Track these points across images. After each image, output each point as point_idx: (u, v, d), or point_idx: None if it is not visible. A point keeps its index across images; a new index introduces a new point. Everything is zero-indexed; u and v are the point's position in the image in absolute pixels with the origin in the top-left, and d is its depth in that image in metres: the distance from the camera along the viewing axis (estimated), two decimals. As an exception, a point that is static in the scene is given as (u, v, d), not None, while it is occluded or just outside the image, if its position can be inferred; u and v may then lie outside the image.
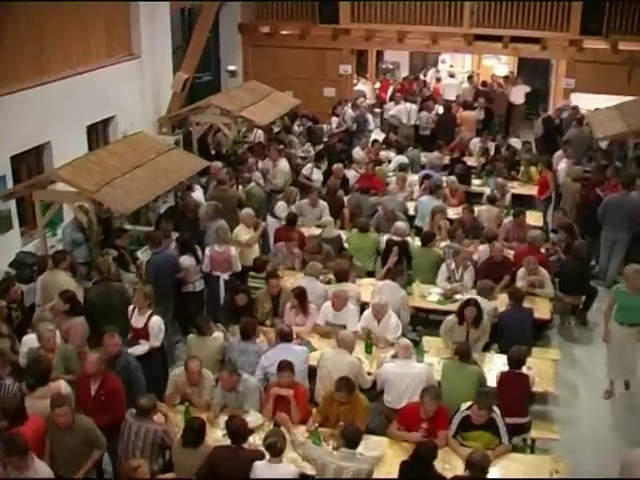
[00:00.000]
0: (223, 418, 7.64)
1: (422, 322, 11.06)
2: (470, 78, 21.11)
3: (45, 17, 12.08)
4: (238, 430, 7.02)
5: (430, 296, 10.69)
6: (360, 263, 11.31)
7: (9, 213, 11.63)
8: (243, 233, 11.22)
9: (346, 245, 11.82)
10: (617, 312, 9.64)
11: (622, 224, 12.40)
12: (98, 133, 14.15)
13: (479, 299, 9.74)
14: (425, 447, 6.94)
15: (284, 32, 18.82)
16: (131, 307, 9.04)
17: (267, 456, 6.91)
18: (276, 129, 15.73)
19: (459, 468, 7.18)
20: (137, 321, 8.97)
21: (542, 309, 10.30)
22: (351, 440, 7.08)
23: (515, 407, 8.04)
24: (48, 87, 12.32)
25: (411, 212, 13.39)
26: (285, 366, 7.92)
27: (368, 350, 9.14)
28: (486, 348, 9.55)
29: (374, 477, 6.99)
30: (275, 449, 6.83)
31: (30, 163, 12.42)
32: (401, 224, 11.89)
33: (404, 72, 23.30)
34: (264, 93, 15.05)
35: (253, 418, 7.80)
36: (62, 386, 7.55)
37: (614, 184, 12.97)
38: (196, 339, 8.85)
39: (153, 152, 10.92)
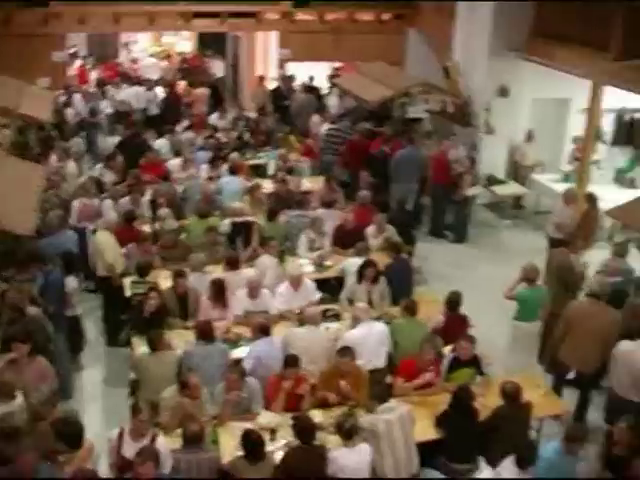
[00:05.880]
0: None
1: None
2: (169, 56, 20.93)
3: None
4: (306, 428, 6.77)
5: (304, 267, 10.79)
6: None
7: None
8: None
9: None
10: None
11: (412, 177, 13.71)
12: None
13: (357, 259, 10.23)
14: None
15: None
16: (116, 432, 6.75)
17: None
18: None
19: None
20: (133, 450, 6.46)
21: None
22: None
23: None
24: None
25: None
26: (295, 361, 7.72)
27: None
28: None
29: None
30: (350, 432, 6.77)
31: None
32: (240, 204, 11.83)
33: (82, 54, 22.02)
34: (19, 88, 13.42)
35: (268, 419, 7.47)
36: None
37: (397, 141, 14.19)
38: (151, 356, 7.99)
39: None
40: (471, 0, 15.55)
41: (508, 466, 6.55)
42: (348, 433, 6.76)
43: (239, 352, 8.51)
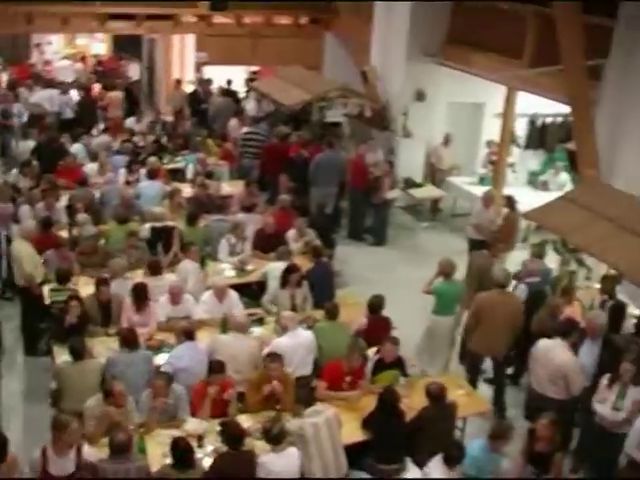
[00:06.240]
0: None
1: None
2: (83, 59, 20.48)
3: None
4: (234, 433, 6.73)
5: (225, 272, 10.74)
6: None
7: None
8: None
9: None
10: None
11: (331, 180, 13.83)
12: None
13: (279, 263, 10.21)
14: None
15: None
16: (38, 452, 6.35)
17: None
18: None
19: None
20: (59, 466, 6.30)
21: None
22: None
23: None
24: None
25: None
26: (220, 367, 7.66)
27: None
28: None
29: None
30: (278, 437, 6.76)
31: None
32: (160, 209, 11.66)
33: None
34: None
35: (195, 425, 7.39)
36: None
37: (316, 145, 14.26)
38: (73, 365, 7.82)
39: None
40: (388, 0, 15.73)
41: (436, 465, 6.66)
42: (276, 438, 6.74)
43: (162, 358, 8.38)
